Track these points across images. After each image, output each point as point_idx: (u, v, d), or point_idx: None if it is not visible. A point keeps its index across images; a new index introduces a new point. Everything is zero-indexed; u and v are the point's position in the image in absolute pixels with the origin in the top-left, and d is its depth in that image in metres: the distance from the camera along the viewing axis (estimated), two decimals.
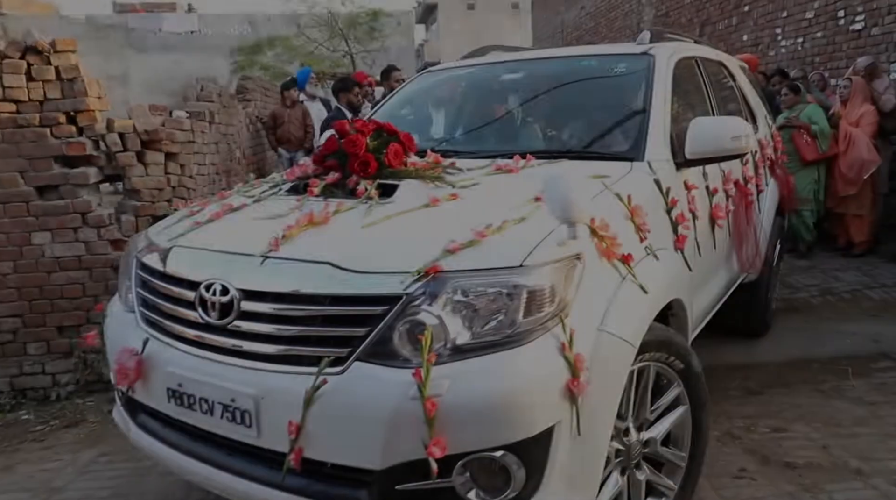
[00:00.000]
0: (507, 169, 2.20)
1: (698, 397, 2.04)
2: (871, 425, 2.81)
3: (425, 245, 1.62)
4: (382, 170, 2.08)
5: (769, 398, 3.13)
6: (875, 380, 3.28)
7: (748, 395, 3.19)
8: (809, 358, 3.62)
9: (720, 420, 2.93)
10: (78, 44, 3.70)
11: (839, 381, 3.30)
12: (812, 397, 3.13)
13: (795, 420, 2.89)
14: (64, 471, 2.88)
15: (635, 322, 1.76)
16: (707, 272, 2.68)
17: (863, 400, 3.05)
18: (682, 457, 2.04)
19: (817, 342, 3.86)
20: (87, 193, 3.69)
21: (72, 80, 3.59)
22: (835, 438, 2.71)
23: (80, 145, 3.62)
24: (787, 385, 3.28)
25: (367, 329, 1.53)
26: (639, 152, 2.33)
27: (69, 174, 3.63)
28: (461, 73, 3.36)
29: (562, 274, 1.59)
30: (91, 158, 3.68)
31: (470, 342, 1.51)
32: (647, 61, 2.72)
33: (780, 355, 3.69)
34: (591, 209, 1.76)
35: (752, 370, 3.48)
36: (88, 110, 3.63)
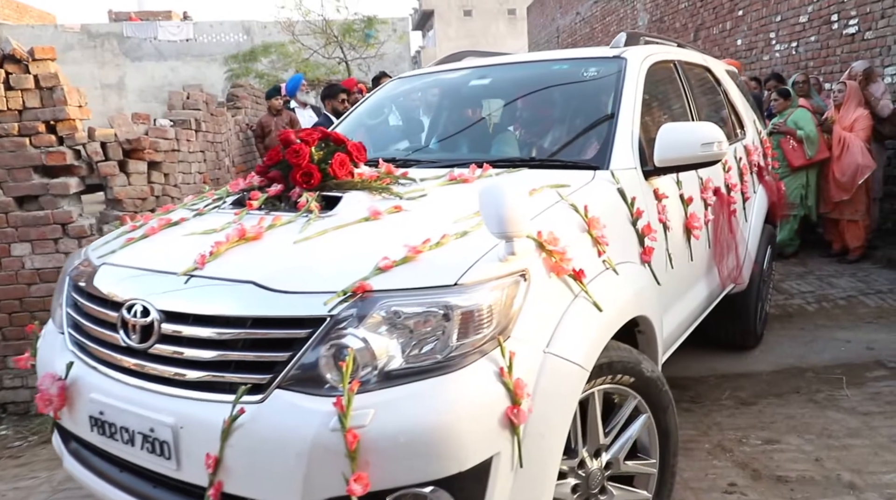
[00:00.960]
0: (461, 179, 2.10)
1: (658, 402, 1.93)
2: (865, 436, 2.74)
3: (356, 262, 1.53)
4: (327, 181, 1.99)
5: (762, 409, 3.07)
6: (869, 389, 3.22)
7: (740, 405, 3.13)
8: (803, 367, 3.56)
9: (711, 432, 2.87)
10: (73, 53, 3.67)
11: (833, 390, 3.24)
12: (805, 407, 3.06)
13: (788, 432, 2.83)
14: (38, 489, 2.81)
15: (587, 343, 1.64)
16: (681, 286, 2.57)
17: (856, 411, 2.99)
18: (652, 464, 1.95)
19: (812, 350, 3.80)
20: (68, 203, 3.63)
21: (51, 88, 3.53)
22: (828, 450, 2.65)
23: (61, 155, 3.56)
24: (781, 395, 3.22)
25: (289, 354, 1.43)
26: (604, 160, 2.22)
27: (49, 184, 3.58)
28: (430, 79, 3.28)
29: (501, 293, 1.49)
30: (72, 167, 3.62)
31: (399, 368, 1.40)
32: (619, 65, 2.61)
33: (773, 363, 3.62)
34: (539, 222, 1.67)
35: (745, 380, 3.42)
36: (68, 119, 3.57)
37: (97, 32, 22.33)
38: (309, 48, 17.12)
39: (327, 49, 17.36)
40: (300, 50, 17.18)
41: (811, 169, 5.77)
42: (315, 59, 17.40)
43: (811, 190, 5.81)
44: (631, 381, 1.82)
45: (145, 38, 22.46)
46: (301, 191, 1.95)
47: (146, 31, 22.53)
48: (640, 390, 1.86)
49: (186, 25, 23.20)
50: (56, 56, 3.51)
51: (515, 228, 1.46)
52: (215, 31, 23.02)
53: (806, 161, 5.64)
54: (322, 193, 1.96)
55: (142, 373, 1.59)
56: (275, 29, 19.36)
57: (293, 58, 17.34)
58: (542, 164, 2.33)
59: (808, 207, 5.83)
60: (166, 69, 22.50)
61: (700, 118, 3.00)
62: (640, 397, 1.87)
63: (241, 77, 17.17)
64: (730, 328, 3.67)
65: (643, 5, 11.45)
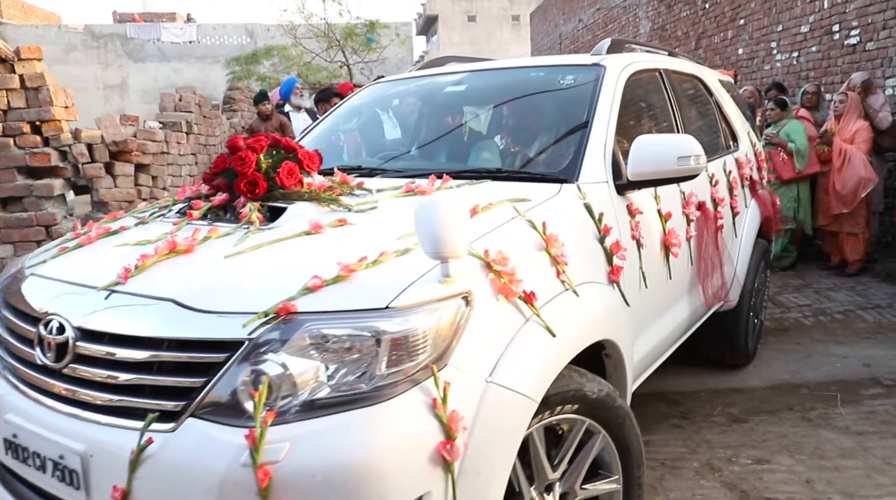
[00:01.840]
0: (418, 191, 1.98)
1: (611, 419, 1.79)
2: (858, 457, 2.67)
3: (285, 280, 1.41)
4: (274, 191, 1.89)
5: (753, 427, 3.00)
6: (864, 408, 3.15)
7: (732, 422, 3.05)
8: (798, 383, 3.48)
9: (700, 450, 2.79)
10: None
11: (827, 408, 3.16)
12: (798, 425, 2.99)
13: (779, 451, 2.75)
14: None
15: (537, 372, 1.52)
16: (658, 306, 2.44)
17: (850, 430, 2.91)
18: (615, 480, 1.85)
19: (807, 366, 3.72)
20: (52, 205, 3.59)
21: (37, 89, 3.49)
22: (819, 471, 2.57)
23: (45, 156, 3.52)
24: (773, 412, 3.14)
25: (205, 380, 1.31)
26: (573, 173, 2.11)
27: (33, 186, 3.53)
28: (405, 86, 3.16)
29: (439, 317, 1.37)
30: (56, 169, 3.58)
31: (322, 398, 1.28)
32: (596, 73, 2.48)
33: (767, 379, 3.55)
34: (490, 240, 1.57)
35: (738, 395, 3.35)
36: (54, 120, 3.53)
37: (100, 33, 22.41)
38: (311, 52, 17.13)
39: (329, 53, 17.38)
40: (302, 53, 17.19)
41: (802, 183, 5.75)
42: (317, 63, 17.42)
43: (803, 204, 5.79)
44: (574, 408, 1.68)
45: (148, 40, 22.54)
46: (246, 201, 1.85)
47: (149, 33, 22.61)
48: (588, 413, 1.73)
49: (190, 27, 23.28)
50: (42, 56, 3.47)
51: (451, 248, 1.33)
52: (218, 33, 23.09)
53: (795, 175, 5.62)
54: (268, 203, 1.87)
55: (55, 394, 1.48)
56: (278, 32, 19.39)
57: (295, 61, 17.36)
58: (510, 176, 2.22)
59: (799, 220, 5.79)
60: (169, 71, 22.56)
61: (686, 130, 2.90)
62: (590, 420, 1.74)
63: (242, 80, 17.18)
64: (719, 347, 3.55)
65: (645, 13, 11.42)
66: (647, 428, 3.01)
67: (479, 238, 1.59)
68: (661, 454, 2.76)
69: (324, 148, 2.83)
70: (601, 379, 1.79)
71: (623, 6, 12.44)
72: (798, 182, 5.71)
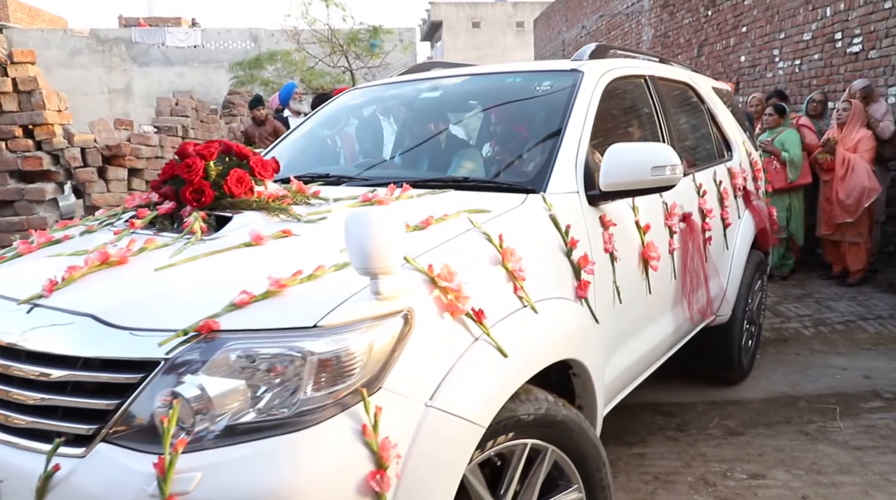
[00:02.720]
0: (375, 201, 1.90)
1: (559, 433, 1.67)
2: (856, 473, 2.61)
3: (213, 295, 1.32)
4: (222, 200, 1.81)
5: (750, 440, 2.94)
6: (863, 422, 3.09)
7: (728, 435, 3.00)
8: (796, 395, 3.43)
9: (695, 463, 2.74)
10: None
11: (826, 421, 3.11)
12: (796, 439, 2.94)
13: (776, 466, 2.70)
14: None
15: (485, 395, 1.42)
16: (635, 323, 2.34)
17: (849, 445, 2.86)
18: (576, 488, 1.76)
19: (806, 377, 3.67)
20: (44, 209, 3.56)
21: (29, 92, 3.47)
22: (815, 487, 2.52)
23: (37, 160, 3.50)
24: (770, 425, 3.09)
25: (118, 402, 1.22)
26: (541, 183, 2.01)
27: (25, 190, 3.51)
28: (381, 92, 3.07)
29: (372, 337, 1.28)
30: (49, 173, 3.56)
31: (244, 422, 1.19)
32: (573, 79, 2.39)
33: (765, 390, 3.50)
34: (438, 254, 1.49)
35: (734, 407, 3.30)
36: (46, 124, 3.51)
37: (106, 37, 22.50)
38: (314, 57, 17.14)
39: (333, 58, 17.38)
40: (305, 58, 17.20)
41: (795, 192, 5.73)
42: (320, 68, 17.43)
43: (794, 214, 5.76)
44: (510, 436, 1.55)
45: (153, 44, 22.61)
46: (192, 210, 1.77)
47: (154, 37, 22.68)
48: (528, 435, 1.61)
49: (194, 32, 23.35)
50: (35, 59, 3.45)
51: (381, 263, 1.24)
52: (223, 37, 23.15)
53: (787, 184, 5.59)
54: (215, 212, 1.78)
55: None
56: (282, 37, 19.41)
57: (298, 66, 17.36)
58: (476, 185, 2.13)
59: (791, 230, 5.75)
60: (173, 75, 22.62)
61: (673, 139, 2.80)
62: (532, 441, 1.62)
63: (246, 84, 17.19)
64: (711, 363, 3.45)
65: (648, 20, 11.40)
66: (641, 440, 2.97)
67: (427, 252, 1.50)
68: (654, 468, 2.71)
69: (297, 155, 2.75)
70: (540, 395, 1.66)
71: (626, 13, 12.42)
72: (790, 192, 5.69)
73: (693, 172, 2.91)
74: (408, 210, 1.73)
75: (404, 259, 1.40)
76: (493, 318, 1.51)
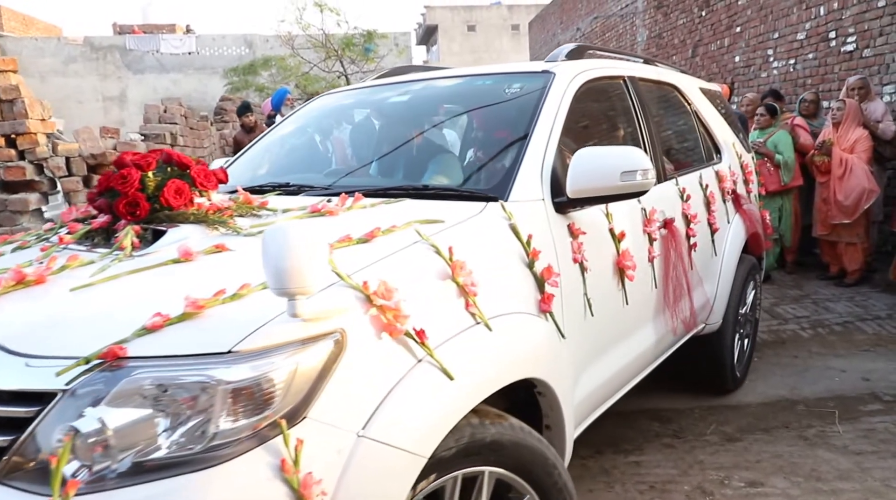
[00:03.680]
0: (325, 211, 1.79)
1: (491, 456, 1.54)
2: (856, 479, 2.56)
3: (124, 318, 1.21)
4: (159, 212, 1.70)
5: (748, 446, 2.89)
6: (863, 425, 3.03)
7: (725, 441, 2.95)
8: (795, 399, 3.38)
9: (692, 471, 2.69)
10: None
11: (825, 426, 3.05)
12: (794, 444, 2.88)
13: (774, 473, 2.64)
14: None
15: (427, 423, 1.32)
16: (610, 336, 2.23)
17: (849, 450, 2.80)
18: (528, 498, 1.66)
19: (804, 380, 3.62)
20: (28, 220, 3.51)
21: (11, 101, 3.42)
22: (815, 494, 2.46)
23: (20, 170, 3.44)
24: (769, 430, 3.03)
25: (12, 438, 1.11)
26: (504, 190, 1.89)
27: (8, 200, 3.45)
28: (351, 97, 2.96)
29: (295, 363, 1.17)
30: (32, 183, 3.50)
31: (150, 459, 1.08)
32: (544, 81, 2.28)
33: (763, 394, 3.44)
34: (378, 269, 1.39)
35: (732, 412, 3.24)
36: (29, 133, 3.45)
37: (100, 45, 22.48)
38: (309, 62, 17.12)
39: (327, 63, 17.37)
40: (300, 63, 17.18)
41: (786, 194, 5.70)
42: (315, 73, 17.41)
43: (786, 216, 5.74)
44: (433, 477, 1.41)
45: (148, 51, 22.60)
46: (126, 223, 1.67)
47: (149, 44, 22.67)
48: (457, 467, 1.47)
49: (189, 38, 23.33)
50: (17, 67, 3.40)
51: (299, 283, 1.12)
52: (217, 44, 23.14)
53: (780, 187, 5.57)
54: (151, 226, 1.67)
55: None
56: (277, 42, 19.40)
57: (293, 71, 17.34)
58: (436, 193, 2.01)
59: (781, 232, 5.72)
60: (168, 82, 22.61)
61: (654, 142, 2.69)
62: (462, 471, 1.48)
63: (241, 90, 17.17)
64: (702, 372, 3.35)
65: (642, 21, 11.38)
66: (638, 448, 2.92)
67: (366, 267, 1.39)
68: (650, 477, 2.66)
69: (263, 164, 2.67)
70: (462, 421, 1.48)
71: (620, 15, 12.41)
72: (782, 194, 5.66)
73: (677, 175, 2.82)
74: (356, 221, 1.64)
75: (338, 276, 1.31)
76: (438, 337, 1.41)
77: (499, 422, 1.55)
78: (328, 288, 1.28)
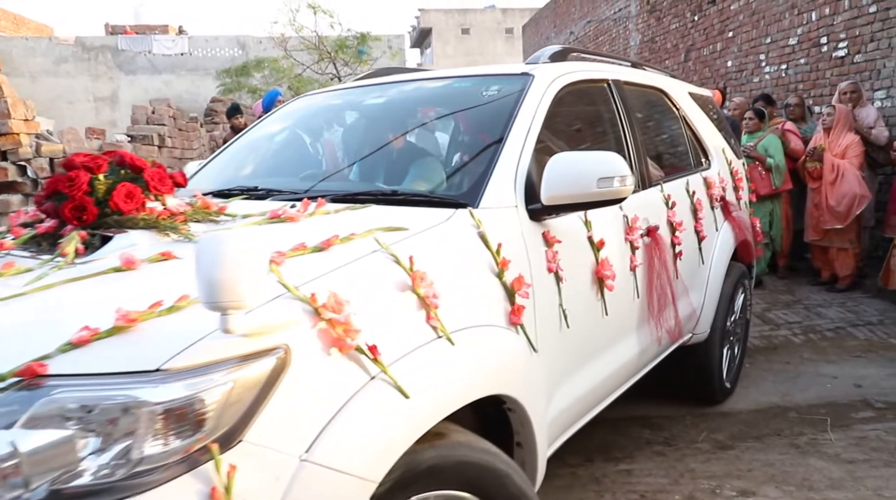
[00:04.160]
0: (285, 217, 1.70)
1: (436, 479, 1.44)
2: (848, 488, 2.53)
3: (51, 332, 1.12)
4: (109, 217, 1.62)
5: (739, 454, 2.86)
6: (855, 433, 3.01)
7: (717, 449, 2.92)
8: (787, 405, 3.35)
9: (683, 480, 2.65)
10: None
11: (817, 433, 3.03)
12: (786, 453, 2.85)
13: (766, 482, 2.61)
14: None
15: (377, 444, 1.24)
16: (588, 348, 2.15)
17: (841, 458, 2.78)
18: None
19: (796, 386, 3.60)
20: None
21: None
22: None
23: (2, 171, 3.38)
24: (760, 438, 3.00)
25: None
26: (475, 197, 1.81)
27: None
28: (325, 100, 2.88)
29: (231, 381, 1.08)
30: (15, 184, 3.43)
31: (70, 487, 1.00)
32: (522, 83, 2.20)
33: (754, 401, 3.42)
34: (330, 280, 1.31)
35: (724, 420, 3.21)
36: (11, 133, 3.38)
37: (91, 45, 22.34)
38: (302, 64, 17.08)
39: (320, 65, 17.33)
40: (293, 65, 17.13)
41: (776, 199, 5.71)
42: (308, 75, 17.37)
43: (776, 220, 5.74)
44: None
45: (140, 52, 22.49)
46: (73, 228, 1.59)
47: (141, 45, 22.56)
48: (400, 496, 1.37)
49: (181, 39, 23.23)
50: (0, 67, 3.33)
51: (233, 296, 1.03)
52: (210, 45, 23.05)
53: (772, 190, 5.58)
54: (99, 232, 1.59)
55: None
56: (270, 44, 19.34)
57: (286, 73, 17.29)
58: (406, 199, 1.92)
59: (772, 236, 5.72)
60: (160, 83, 22.49)
61: (638, 147, 2.61)
62: None
63: (233, 92, 17.11)
64: (689, 383, 3.28)
65: (635, 26, 11.39)
66: (628, 456, 2.88)
67: (317, 278, 1.31)
68: (641, 486, 2.62)
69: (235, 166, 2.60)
70: None
71: (613, 19, 12.43)
72: (772, 198, 5.66)
73: (662, 182, 2.75)
74: (316, 228, 1.57)
75: (284, 287, 1.23)
76: (395, 353, 1.33)
77: (438, 444, 1.43)
78: (273, 300, 1.20)
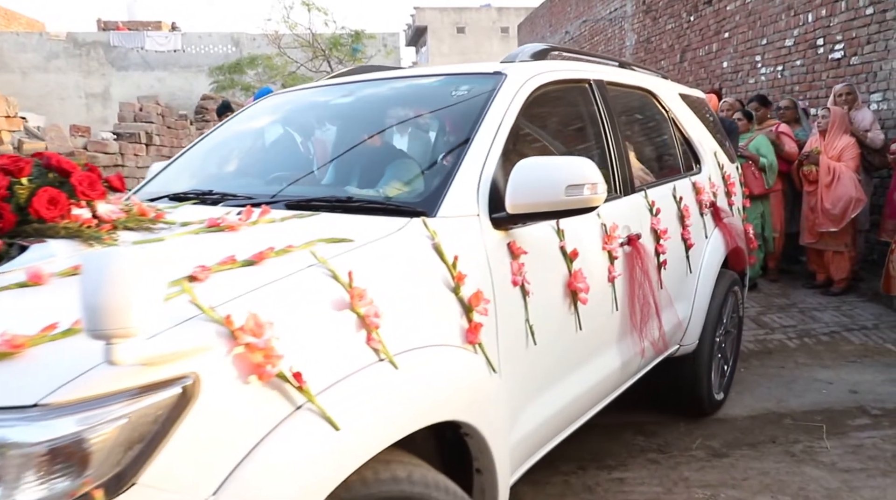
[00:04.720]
0: (225, 226, 1.57)
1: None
2: (844, 499, 2.49)
3: None
4: (28, 225, 1.49)
5: (734, 462, 2.81)
6: (851, 441, 2.97)
7: (712, 457, 2.87)
8: (782, 412, 3.31)
9: (677, 489, 2.60)
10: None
11: (812, 440, 2.98)
12: (781, 461, 2.81)
13: (761, 491, 2.57)
14: None
15: (302, 481, 1.13)
16: (559, 365, 2.02)
17: (836, 467, 2.73)
18: None
19: (791, 392, 3.55)
20: None
21: None
22: None
23: None
24: (755, 445, 2.96)
25: None
26: (433, 204, 1.69)
27: None
28: (294, 99, 2.76)
29: (124, 415, 0.97)
30: None
31: None
32: (493, 83, 2.06)
33: (749, 407, 3.37)
34: (254, 300, 1.18)
35: (718, 426, 3.17)
36: None
37: (83, 41, 22.16)
38: (296, 61, 16.99)
39: (314, 62, 17.24)
40: (287, 63, 17.04)
41: (766, 199, 5.69)
42: (302, 73, 17.27)
43: (768, 221, 5.72)
44: None
45: (132, 48, 22.32)
46: None
47: (133, 41, 22.39)
48: None
49: (174, 36, 23.08)
50: None
51: (119, 322, 0.89)
52: (204, 42, 22.90)
53: (764, 190, 5.57)
54: (17, 240, 1.45)
55: None
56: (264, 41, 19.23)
57: (280, 71, 17.19)
58: (361, 206, 1.79)
59: (766, 238, 5.69)
60: (153, 79, 22.33)
61: (621, 152, 2.50)
62: None
63: (227, 89, 17.00)
64: (677, 395, 3.19)
65: (631, 26, 11.35)
66: (622, 464, 2.83)
67: (240, 296, 1.17)
68: (635, 495, 2.57)
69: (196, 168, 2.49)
70: None
71: (609, 18, 12.38)
72: (764, 198, 5.65)
73: (646, 187, 2.63)
74: (254, 238, 1.45)
75: (198, 307, 1.11)
76: (326, 379, 1.21)
77: (371, 479, 1.30)
78: (183, 323, 1.07)
